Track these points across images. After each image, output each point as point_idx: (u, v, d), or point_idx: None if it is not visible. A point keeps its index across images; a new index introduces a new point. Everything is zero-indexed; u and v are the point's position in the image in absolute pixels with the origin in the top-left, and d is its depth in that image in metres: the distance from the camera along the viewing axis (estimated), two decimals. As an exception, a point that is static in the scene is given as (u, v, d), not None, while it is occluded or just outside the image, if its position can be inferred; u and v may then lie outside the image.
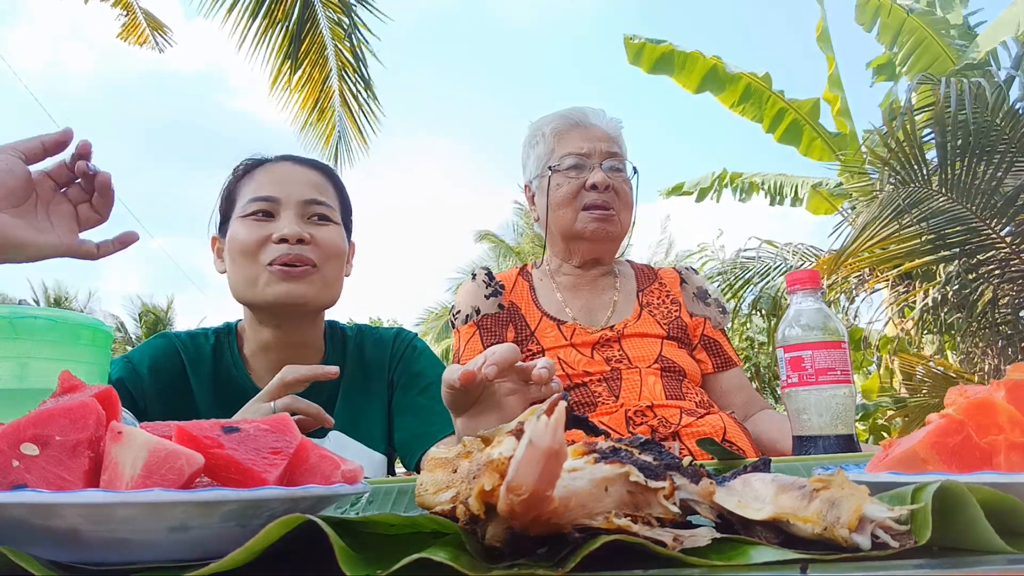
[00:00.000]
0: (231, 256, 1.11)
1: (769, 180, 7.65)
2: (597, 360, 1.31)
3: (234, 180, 1.17)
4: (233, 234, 1.11)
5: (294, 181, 1.13)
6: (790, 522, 0.36)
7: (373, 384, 1.20)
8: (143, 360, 1.12)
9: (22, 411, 0.41)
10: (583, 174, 1.38)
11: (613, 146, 1.41)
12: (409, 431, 1.16)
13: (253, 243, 1.08)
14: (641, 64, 7.08)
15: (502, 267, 14.21)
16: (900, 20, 6.45)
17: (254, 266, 1.08)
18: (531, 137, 1.49)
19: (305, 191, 1.12)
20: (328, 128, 6.25)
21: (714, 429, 1.22)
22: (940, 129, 3.91)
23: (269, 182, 1.12)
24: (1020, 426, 0.45)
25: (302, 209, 1.11)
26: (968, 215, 4.11)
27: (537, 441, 0.32)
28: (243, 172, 1.17)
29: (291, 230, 1.07)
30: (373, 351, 1.23)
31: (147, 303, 19.88)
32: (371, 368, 1.21)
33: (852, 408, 0.96)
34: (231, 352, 1.16)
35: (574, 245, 1.43)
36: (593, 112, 1.46)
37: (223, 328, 1.20)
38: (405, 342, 1.25)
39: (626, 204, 1.41)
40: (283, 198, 1.10)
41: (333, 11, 5.83)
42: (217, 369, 1.15)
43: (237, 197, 1.15)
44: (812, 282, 1.00)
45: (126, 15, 6.25)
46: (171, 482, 0.38)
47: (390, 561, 0.32)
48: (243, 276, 1.09)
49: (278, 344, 1.14)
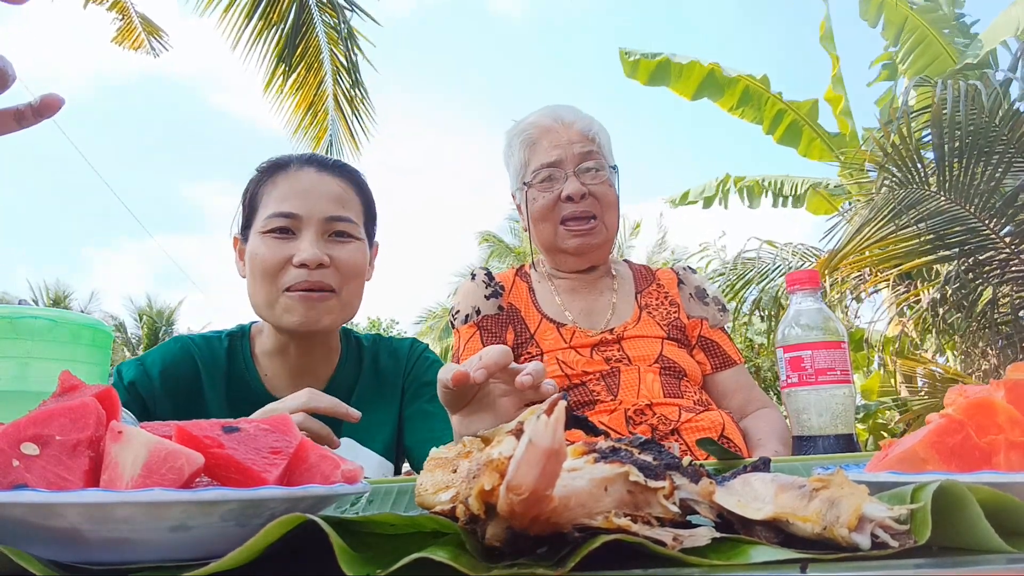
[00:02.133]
0: (251, 271, 1.10)
1: (773, 181, 7.65)
2: (596, 360, 1.31)
3: (257, 183, 1.16)
4: (253, 249, 1.10)
5: (317, 194, 1.11)
6: (790, 522, 0.36)
7: (386, 393, 1.22)
8: (155, 364, 1.12)
9: (22, 411, 0.41)
10: (557, 185, 1.35)
11: (588, 145, 1.36)
12: (417, 436, 1.18)
13: (273, 264, 1.07)
14: (637, 77, 7.11)
15: (502, 267, 14.21)
16: (903, 17, 6.46)
17: (272, 289, 1.08)
18: (507, 147, 1.46)
19: (328, 207, 1.10)
20: (320, 131, 6.25)
21: (713, 424, 1.22)
22: (938, 130, 3.92)
23: (291, 194, 1.10)
24: (1019, 426, 0.45)
25: (324, 227, 1.10)
26: (967, 215, 4.11)
27: (537, 441, 0.32)
28: (266, 175, 1.15)
29: (311, 255, 1.06)
30: (388, 361, 1.24)
31: (149, 304, 19.88)
32: (385, 378, 1.23)
33: (852, 408, 0.96)
34: (244, 356, 1.17)
35: (559, 258, 1.42)
36: (566, 110, 1.41)
37: (236, 331, 1.21)
38: (417, 353, 1.27)
39: (608, 205, 1.37)
40: (304, 215, 1.09)
41: (329, 15, 5.83)
42: (230, 373, 1.16)
43: (259, 204, 1.13)
44: (812, 282, 1.01)
45: (122, 19, 6.24)
46: (171, 482, 0.38)
47: (390, 561, 0.32)
48: (263, 297, 1.09)
49: (294, 347, 1.15)
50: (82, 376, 0.46)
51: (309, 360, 1.16)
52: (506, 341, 1.37)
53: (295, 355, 1.15)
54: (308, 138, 6.26)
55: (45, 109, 0.69)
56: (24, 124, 0.69)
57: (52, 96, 0.69)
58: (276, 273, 1.07)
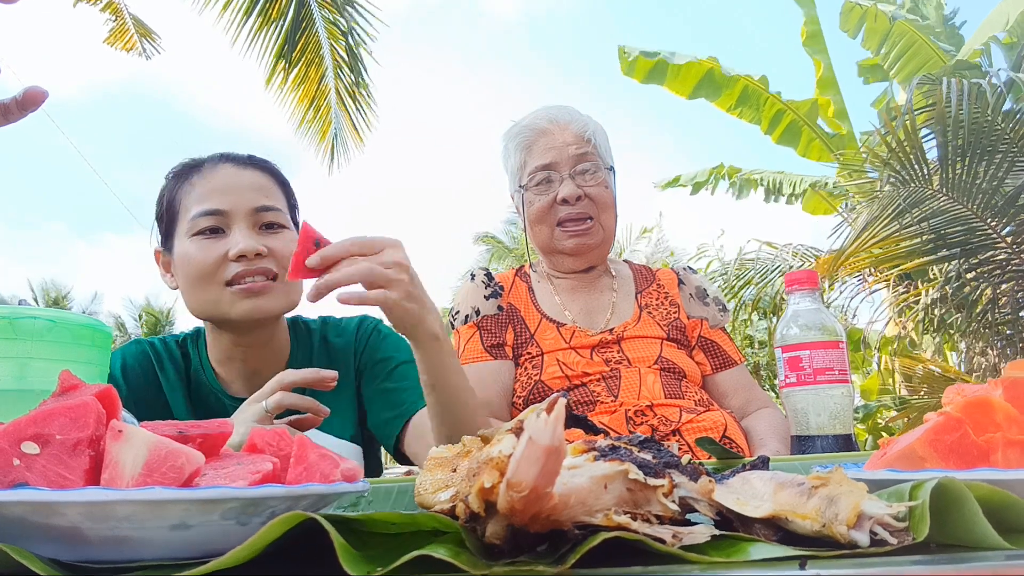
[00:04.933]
0: (185, 276, 1.07)
1: (768, 177, 7.65)
2: (596, 361, 1.31)
3: (172, 188, 1.12)
4: (183, 253, 1.06)
5: (239, 188, 1.08)
6: (789, 519, 0.36)
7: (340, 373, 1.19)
8: (115, 363, 1.11)
9: (22, 411, 0.41)
10: (553, 188, 1.35)
11: (584, 146, 1.36)
12: (381, 416, 1.14)
13: (209, 264, 1.04)
14: (635, 75, 7.08)
15: (500, 268, 14.20)
16: (886, 25, 6.48)
17: (213, 287, 1.05)
18: (504, 150, 1.47)
19: (253, 198, 1.07)
20: (324, 126, 6.26)
21: (715, 425, 1.22)
22: (941, 129, 3.91)
23: (213, 192, 1.07)
24: (1017, 424, 0.45)
25: (253, 219, 1.07)
26: (969, 215, 4.11)
27: (537, 438, 0.32)
28: (180, 178, 1.11)
29: (247, 245, 1.03)
30: (337, 341, 1.21)
31: (150, 303, 19.88)
32: (337, 358, 1.19)
33: (850, 408, 0.96)
34: (199, 357, 1.16)
35: (557, 259, 1.42)
36: (562, 111, 1.42)
37: (192, 333, 1.19)
38: (369, 329, 1.23)
39: (605, 206, 1.37)
40: (231, 210, 1.06)
41: (329, 11, 5.83)
42: (188, 376, 1.15)
43: (179, 208, 1.09)
44: (810, 282, 1.01)
45: (114, 20, 6.21)
46: (172, 480, 0.38)
47: (390, 559, 0.33)
48: (204, 299, 1.06)
49: (241, 351, 1.13)
50: (82, 376, 0.46)
51: (259, 361, 1.13)
52: (506, 341, 1.37)
53: (244, 359, 1.13)
54: (313, 132, 6.27)
55: (29, 102, 0.68)
56: (10, 119, 0.69)
57: (35, 89, 0.68)
58: (214, 271, 1.04)
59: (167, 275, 1.14)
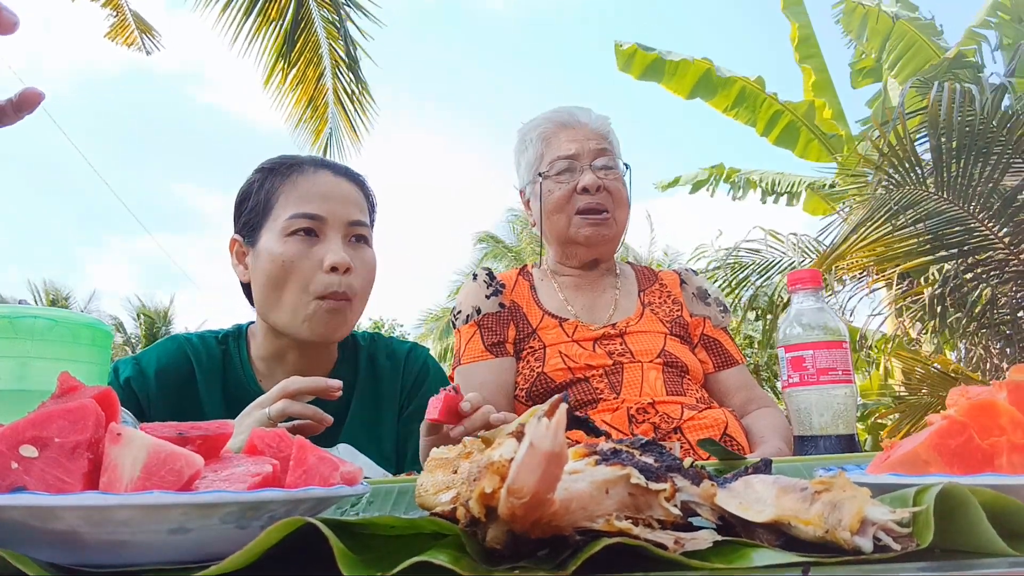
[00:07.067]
0: (268, 274, 1.06)
1: (767, 178, 7.64)
2: (599, 353, 1.31)
3: (267, 182, 1.11)
4: (272, 249, 1.06)
5: (338, 198, 1.09)
6: (791, 524, 0.36)
7: (385, 397, 1.19)
8: (151, 363, 1.11)
9: (22, 412, 0.41)
10: (573, 177, 1.38)
11: (603, 143, 1.40)
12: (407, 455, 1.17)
13: (301, 266, 1.04)
14: (631, 71, 7.05)
15: (499, 267, 14.19)
16: (887, 26, 6.47)
17: (302, 295, 1.05)
18: (520, 143, 1.49)
19: (350, 211, 1.09)
20: (321, 125, 6.26)
21: (716, 422, 1.22)
22: (934, 131, 3.91)
23: (313, 196, 1.08)
24: (1022, 428, 0.45)
25: (346, 231, 1.08)
26: (965, 216, 4.11)
27: (538, 444, 0.32)
28: (279, 175, 1.11)
29: (340, 258, 1.04)
30: (386, 363, 1.22)
31: (144, 303, 19.87)
32: (383, 381, 1.20)
33: (853, 408, 0.96)
34: (240, 357, 1.15)
35: (570, 249, 1.43)
36: (580, 111, 1.46)
37: (233, 331, 1.19)
38: (419, 360, 1.24)
39: (620, 202, 1.40)
40: (329, 218, 1.07)
41: (328, 11, 5.84)
42: (226, 373, 1.14)
43: (275, 203, 1.09)
44: (813, 281, 1.00)
45: (115, 15, 6.22)
46: (170, 484, 0.38)
47: (390, 563, 0.32)
48: (287, 302, 1.05)
49: (294, 356, 1.13)
50: (82, 376, 0.46)
51: (307, 365, 1.14)
52: (507, 338, 1.37)
53: (293, 360, 1.13)
54: (309, 131, 6.27)
55: (25, 104, 0.67)
56: (5, 121, 0.68)
57: (31, 90, 0.67)
58: (306, 279, 1.04)
59: (239, 265, 1.14)
